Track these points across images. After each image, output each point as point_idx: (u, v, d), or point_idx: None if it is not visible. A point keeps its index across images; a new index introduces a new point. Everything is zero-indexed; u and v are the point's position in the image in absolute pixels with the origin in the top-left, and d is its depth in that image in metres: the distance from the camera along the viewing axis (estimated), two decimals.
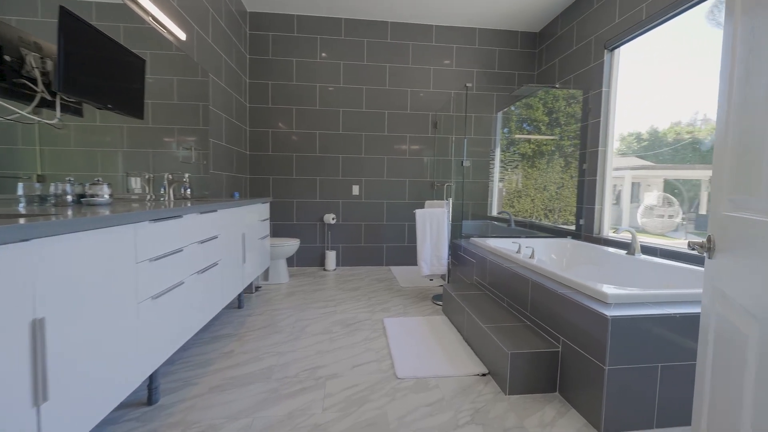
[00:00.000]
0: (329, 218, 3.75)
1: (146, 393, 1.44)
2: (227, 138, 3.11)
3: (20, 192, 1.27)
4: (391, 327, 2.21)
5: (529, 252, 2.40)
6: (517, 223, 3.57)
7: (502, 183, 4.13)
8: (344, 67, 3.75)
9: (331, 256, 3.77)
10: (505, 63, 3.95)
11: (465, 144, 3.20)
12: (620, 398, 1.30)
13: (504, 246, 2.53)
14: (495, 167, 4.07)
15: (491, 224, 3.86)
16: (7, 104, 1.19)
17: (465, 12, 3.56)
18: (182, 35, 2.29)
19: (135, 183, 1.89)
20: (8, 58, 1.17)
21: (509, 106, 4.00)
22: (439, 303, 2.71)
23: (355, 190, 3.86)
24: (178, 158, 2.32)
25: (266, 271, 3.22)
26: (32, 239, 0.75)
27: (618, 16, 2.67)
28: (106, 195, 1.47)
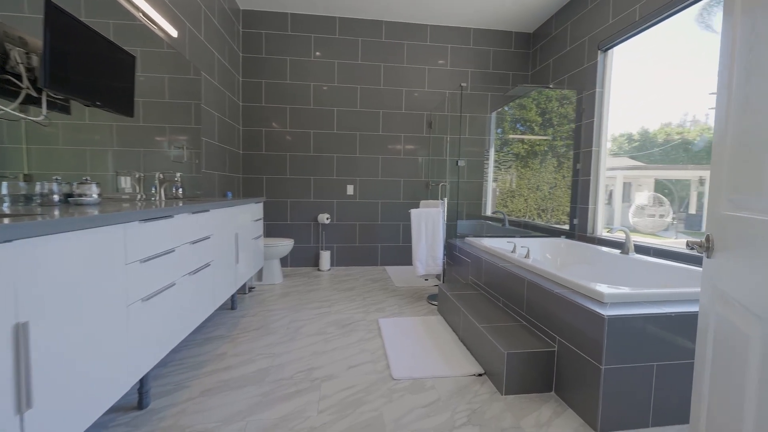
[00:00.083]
0: (323, 218, 3.72)
1: (137, 397, 1.41)
2: (220, 137, 3.07)
3: (4, 191, 1.23)
4: (387, 327, 2.20)
5: (525, 252, 2.40)
6: (511, 223, 3.58)
7: (496, 183, 4.14)
8: (338, 66, 3.72)
9: (326, 256, 3.74)
10: (500, 63, 3.96)
11: (460, 144, 3.20)
12: (616, 397, 1.30)
13: (499, 246, 2.53)
14: (489, 167, 4.08)
15: (486, 224, 3.86)
16: None
17: (459, 12, 3.56)
18: (174, 32, 2.25)
19: (125, 182, 1.85)
20: None
21: (503, 107, 4.01)
22: (435, 303, 2.70)
23: (350, 190, 3.84)
24: (170, 157, 2.28)
25: (260, 272, 3.19)
26: (15, 240, 0.72)
27: (612, 17, 2.69)
28: (95, 194, 1.44)
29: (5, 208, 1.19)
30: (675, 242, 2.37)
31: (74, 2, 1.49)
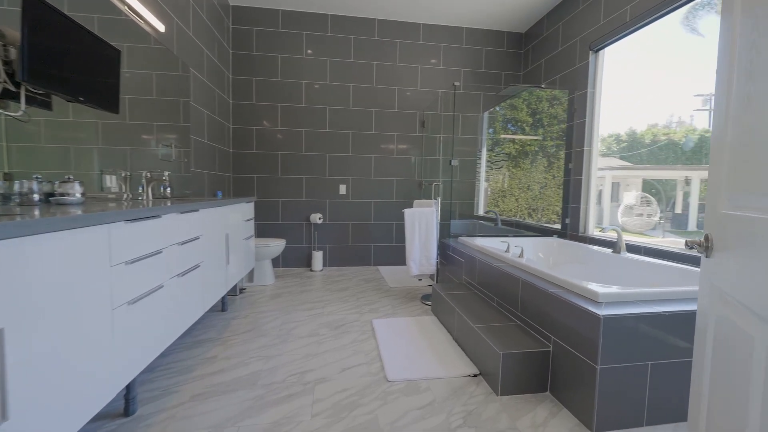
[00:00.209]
0: (316, 218, 3.68)
1: (123, 403, 1.36)
2: (209, 135, 3.00)
3: None
4: (380, 328, 2.18)
5: (518, 251, 2.40)
6: (503, 222, 3.59)
7: (488, 182, 4.15)
8: (331, 64, 3.68)
9: (318, 257, 3.70)
10: (492, 63, 3.97)
11: (453, 143, 3.19)
12: (612, 397, 1.30)
13: (493, 245, 2.53)
14: (482, 167, 4.09)
15: (479, 223, 3.87)
16: None
17: (452, 11, 3.55)
18: (161, 27, 2.19)
19: (110, 181, 1.79)
20: None
21: (495, 107, 4.02)
22: (428, 303, 2.69)
23: (342, 190, 3.80)
24: (158, 156, 2.21)
25: (251, 273, 3.14)
26: None
27: (603, 18, 2.71)
28: (78, 194, 1.38)
29: None
30: (663, 241, 2.41)
31: None
